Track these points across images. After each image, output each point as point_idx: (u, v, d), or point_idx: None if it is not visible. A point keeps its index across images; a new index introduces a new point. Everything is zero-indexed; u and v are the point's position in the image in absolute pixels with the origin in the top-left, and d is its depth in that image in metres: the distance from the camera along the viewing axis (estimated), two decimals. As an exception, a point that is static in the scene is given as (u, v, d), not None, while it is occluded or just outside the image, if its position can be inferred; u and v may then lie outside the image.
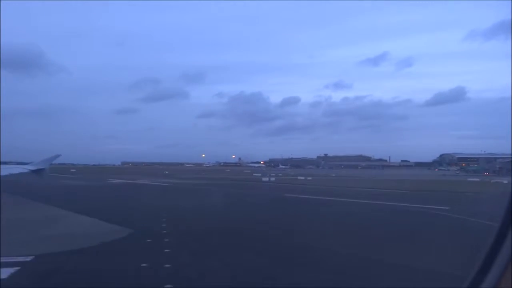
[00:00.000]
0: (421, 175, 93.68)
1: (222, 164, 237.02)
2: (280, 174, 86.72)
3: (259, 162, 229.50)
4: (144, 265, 8.92)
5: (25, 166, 9.23)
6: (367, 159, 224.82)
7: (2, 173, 7.42)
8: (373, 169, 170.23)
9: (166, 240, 12.07)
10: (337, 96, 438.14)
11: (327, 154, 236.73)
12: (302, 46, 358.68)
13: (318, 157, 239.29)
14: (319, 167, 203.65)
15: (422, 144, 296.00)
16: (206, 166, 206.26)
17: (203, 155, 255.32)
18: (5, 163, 10.79)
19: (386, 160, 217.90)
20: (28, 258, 9.11)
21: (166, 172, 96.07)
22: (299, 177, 63.53)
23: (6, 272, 7.94)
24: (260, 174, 78.68)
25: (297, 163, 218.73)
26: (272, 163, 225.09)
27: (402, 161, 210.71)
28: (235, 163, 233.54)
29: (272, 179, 59.10)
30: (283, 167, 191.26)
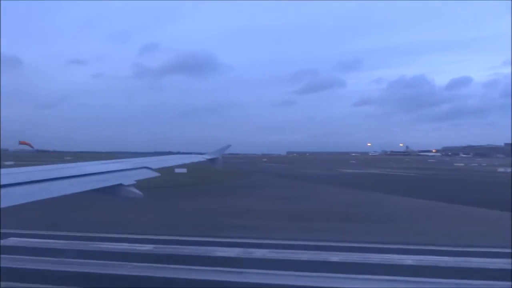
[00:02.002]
0: None
1: (389, 152, 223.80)
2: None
3: (429, 151, 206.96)
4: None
5: (203, 156, 11.19)
6: None
7: (188, 161, 9.44)
8: None
9: None
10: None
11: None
12: (470, 17, 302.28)
13: (505, 144, 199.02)
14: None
15: None
16: (372, 155, 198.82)
17: (369, 144, 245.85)
18: (188, 153, 13.29)
19: None
20: None
21: (353, 161, 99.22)
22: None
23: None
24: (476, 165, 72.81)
25: (481, 151, 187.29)
26: (448, 152, 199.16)
27: None
28: (403, 152, 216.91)
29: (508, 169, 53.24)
30: (465, 155, 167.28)
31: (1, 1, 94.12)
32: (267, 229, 13.78)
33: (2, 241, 9.98)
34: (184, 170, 38.77)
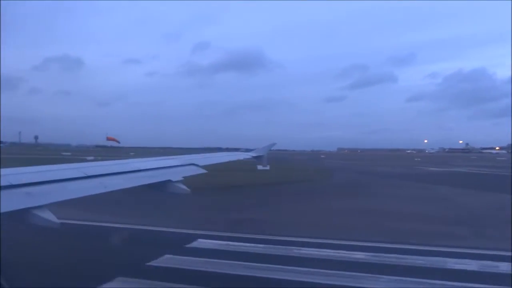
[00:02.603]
0: None
1: (447, 150, 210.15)
2: None
3: (492, 148, 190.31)
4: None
5: (249, 153, 11.31)
6: None
7: (234, 158, 9.57)
8: None
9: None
10: None
11: None
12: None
13: None
14: None
15: None
16: (429, 153, 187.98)
17: (426, 141, 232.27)
18: (236, 149, 13.44)
19: None
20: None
21: (417, 159, 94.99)
22: None
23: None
24: None
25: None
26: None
27: None
28: (463, 149, 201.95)
29: None
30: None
31: (63, 4, 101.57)
32: (451, 236, 11.83)
33: (193, 243, 10.00)
34: (267, 168, 38.09)
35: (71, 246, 9.50)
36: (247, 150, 12.04)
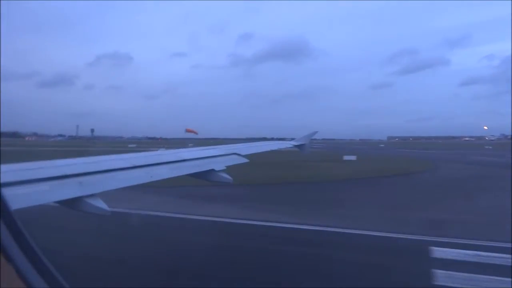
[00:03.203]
0: None
1: (509, 137, 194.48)
2: None
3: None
4: None
5: (291, 142, 11.32)
6: None
7: (276, 147, 9.60)
8: None
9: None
10: None
11: None
12: None
13: None
14: None
15: None
16: (490, 140, 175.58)
17: (485, 127, 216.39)
18: (282, 139, 13.49)
19: None
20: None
21: (488, 146, 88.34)
22: None
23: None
24: None
25: None
26: None
27: None
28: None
29: None
30: None
31: (113, 4, 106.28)
32: None
33: (435, 252, 8.51)
34: (353, 157, 37.63)
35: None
36: (292, 139, 12.03)
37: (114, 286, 6.50)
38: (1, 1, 1.72)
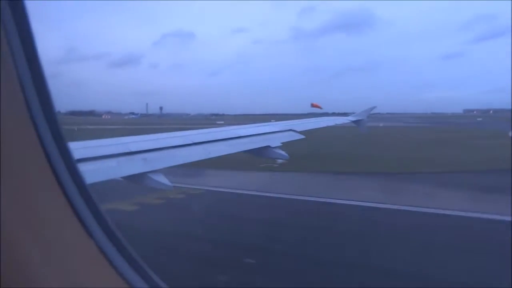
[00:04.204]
0: None
1: None
2: None
3: None
4: None
5: (348, 118, 10.93)
6: None
7: (332, 123, 9.33)
8: None
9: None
10: None
11: None
12: None
13: None
14: None
15: None
16: None
17: None
18: (345, 114, 13.04)
19: None
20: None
21: None
22: None
23: None
24: None
25: None
26: None
27: None
28: None
29: None
30: None
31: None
32: None
33: None
34: None
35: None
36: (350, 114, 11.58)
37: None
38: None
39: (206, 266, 6.09)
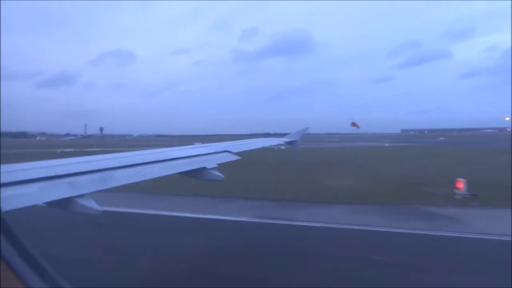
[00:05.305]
0: None
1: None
2: None
3: None
4: None
5: (282, 139, 11.27)
6: None
7: (268, 144, 9.56)
8: None
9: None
10: None
11: None
12: None
13: None
14: None
15: None
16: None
17: (507, 118, 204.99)
18: (285, 134, 13.31)
19: None
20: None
21: None
22: None
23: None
24: None
25: None
26: None
27: None
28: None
29: None
30: None
31: (118, 3, 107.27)
32: None
33: None
34: None
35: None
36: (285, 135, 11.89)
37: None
38: (2, 1, 1.71)
39: None
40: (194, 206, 14.39)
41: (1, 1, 10.13)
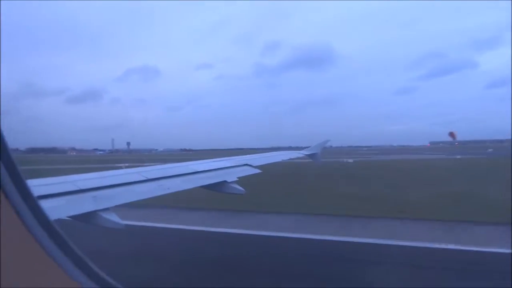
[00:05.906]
0: None
1: None
2: None
3: None
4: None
5: (302, 151, 11.11)
6: None
7: (287, 157, 9.42)
8: None
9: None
10: None
11: None
12: None
13: None
14: None
15: None
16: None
17: None
18: (307, 147, 13.08)
19: None
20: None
21: None
22: None
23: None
24: None
25: None
26: None
27: None
28: None
29: None
30: None
31: (141, 20, 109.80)
32: None
33: None
34: None
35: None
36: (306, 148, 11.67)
37: None
38: (33, 20, 1.76)
39: None
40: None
41: (33, 20, 10.38)
